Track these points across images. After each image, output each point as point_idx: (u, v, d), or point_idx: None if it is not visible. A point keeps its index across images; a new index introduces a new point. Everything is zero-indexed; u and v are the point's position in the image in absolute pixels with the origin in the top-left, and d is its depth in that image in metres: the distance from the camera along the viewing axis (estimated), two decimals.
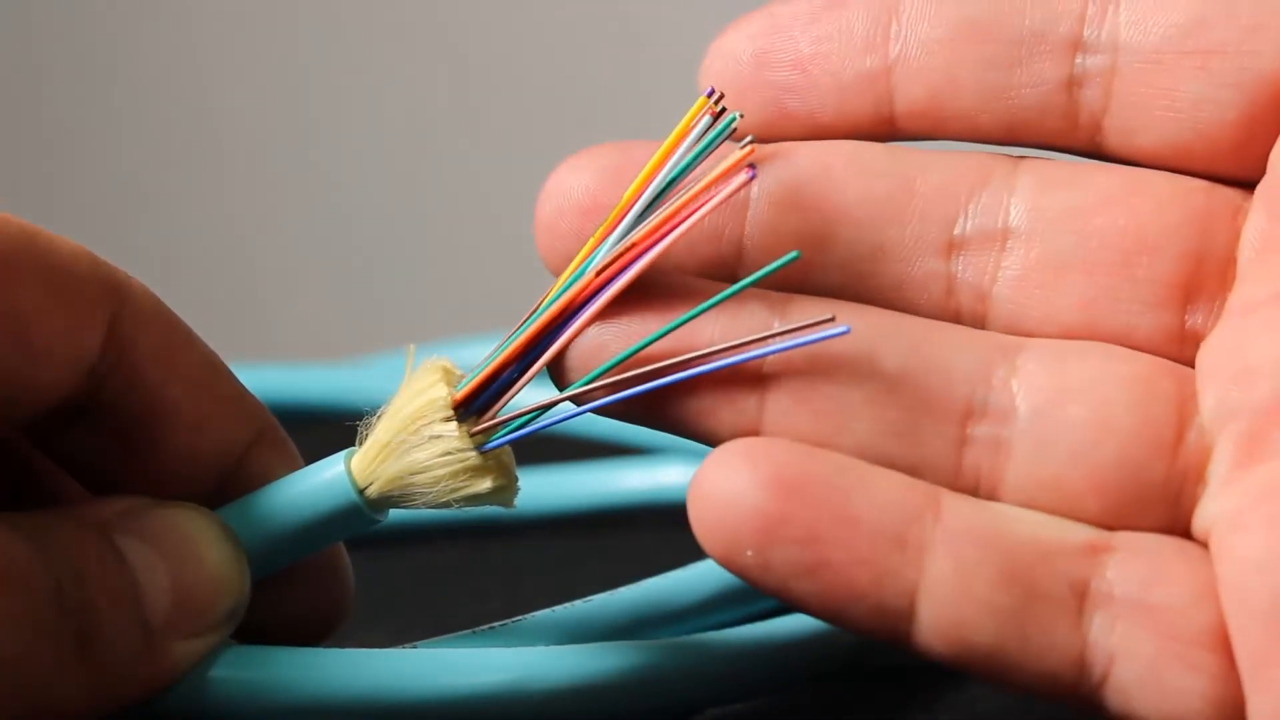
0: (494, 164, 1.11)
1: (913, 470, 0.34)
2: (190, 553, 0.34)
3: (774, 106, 0.36)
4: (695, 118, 0.35)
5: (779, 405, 0.34)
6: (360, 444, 0.35)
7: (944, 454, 0.34)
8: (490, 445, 0.34)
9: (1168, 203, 0.35)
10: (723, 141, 0.35)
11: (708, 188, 0.34)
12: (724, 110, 0.35)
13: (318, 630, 0.37)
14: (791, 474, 0.33)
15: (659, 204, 0.35)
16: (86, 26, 1.16)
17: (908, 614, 0.33)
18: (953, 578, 0.33)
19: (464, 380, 0.35)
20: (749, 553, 0.33)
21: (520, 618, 0.37)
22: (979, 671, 0.33)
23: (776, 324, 0.34)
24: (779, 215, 0.36)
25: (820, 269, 0.36)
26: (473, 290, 1.12)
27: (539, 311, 0.35)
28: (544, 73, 1.09)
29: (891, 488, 0.33)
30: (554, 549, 0.54)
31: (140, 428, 0.35)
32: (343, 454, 0.35)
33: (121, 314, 0.34)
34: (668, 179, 0.35)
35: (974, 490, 0.34)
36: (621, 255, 0.34)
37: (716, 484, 0.33)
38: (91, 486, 0.36)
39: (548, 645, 0.36)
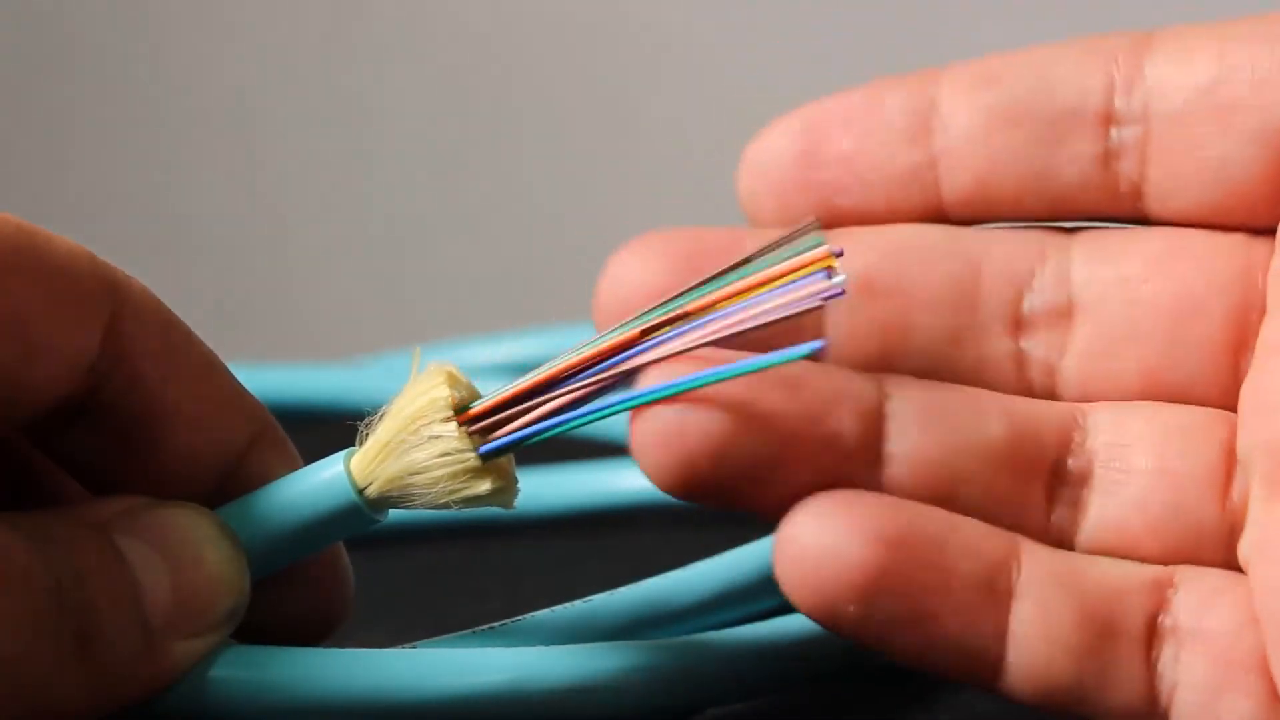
0: (494, 164, 1.11)
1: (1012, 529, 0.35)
2: (190, 552, 0.34)
3: (824, 206, 0.37)
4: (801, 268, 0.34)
5: (898, 475, 0.35)
6: (360, 444, 0.35)
7: (1036, 515, 0.36)
8: (489, 448, 0.34)
9: (1209, 261, 0.36)
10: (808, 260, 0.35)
11: (784, 276, 0.34)
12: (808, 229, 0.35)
13: (318, 630, 0.37)
14: (890, 527, 0.34)
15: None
16: (87, 24, 1.16)
17: (998, 658, 0.34)
18: (1038, 621, 0.34)
19: (480, 400, 0.35)
20: (851, 609, 0.34)
21: (520, 618, 0.37)
22: (1060, 710, 0.34)
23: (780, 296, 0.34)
24: (858, 304, 0.36)
25: (902, 356, 0.36)
26: (473, 290, 1.12)
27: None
28: (544, 73, 1.09)
29: (979, 536, 0.35)
30: (554, 549, 0.54)
31: (140, 428, 0.35)
32: (342, 454, 0.35)
33: (120, 314, 0.34)
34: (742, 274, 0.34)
35: (1055, 544, 0.36)
36: (674, 320, 0.34)
37: (812, 537, 0.34)
38: (91, 486, 0.36)
39: (548, 645, 0.36)
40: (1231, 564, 0.35)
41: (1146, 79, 0.36)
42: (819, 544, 0.34)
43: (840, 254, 0.34)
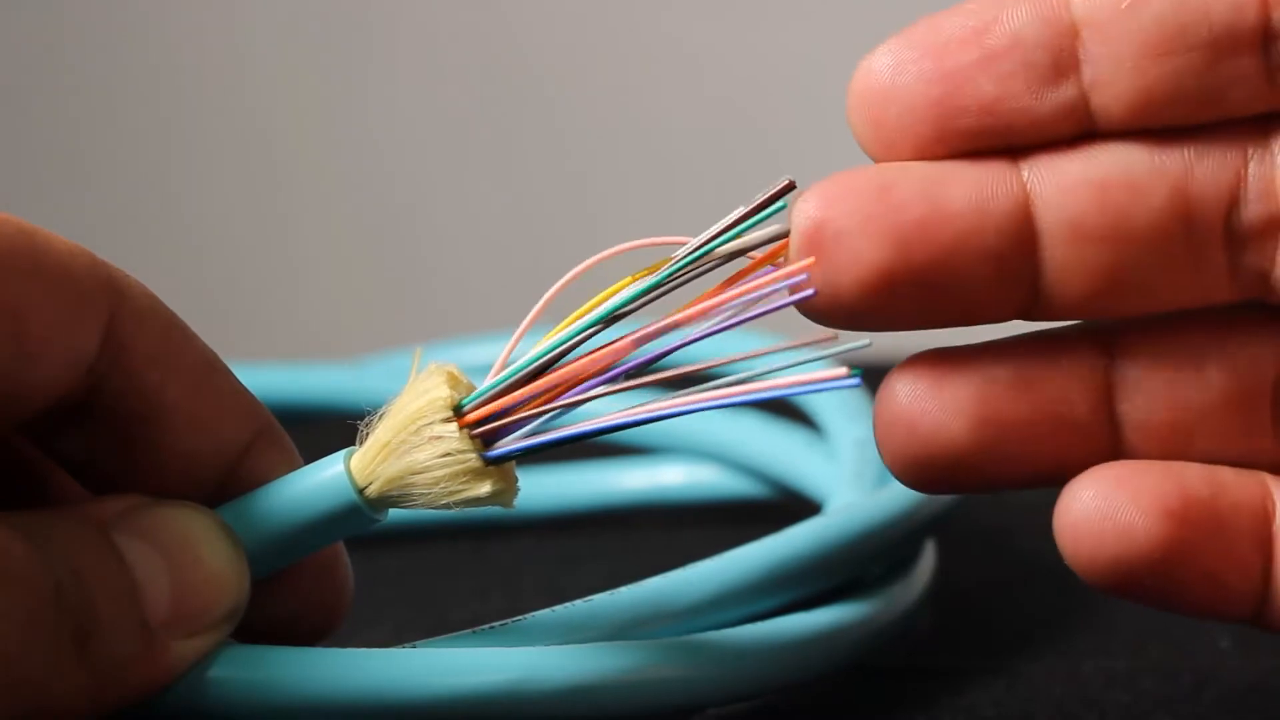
0: (495, 164, 1.11)
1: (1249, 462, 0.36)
2: (190, 552, 0.34)
3: (967, 147, 0.36)
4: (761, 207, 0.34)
5: (1133, 439, 0.36)
6: (360, 444, 0.35)
7: (1268, 446, 0.36)
8: (494, 455, 0.34)
9: None
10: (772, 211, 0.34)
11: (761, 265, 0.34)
12: (786, 190, 0.34)
13: (318, 630, 0.37)
14: (1177, 498, 0.35)
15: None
16: (87, 24, 1.16)
17: (1264, 600, 0.36)
18: None
19: (472, 395, 0.35)
20: (1145, 579, 0.35)
21: (520, 618, 0.37)
22: None
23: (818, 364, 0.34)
24: (1073, 252, 0.35)
25: (1122, 292, 0.36)
26: (474, 290, 1.12)
27: (560, 341, 0.34)
28: (545, 73, 1.09)
29: (1237, 486, 0.36)
30: (554, 549, 0.54)
31: (139, 427, 0.35)
32: (343, 453, 0.35)
33: (120, 313, 0.34)
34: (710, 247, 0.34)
35: None
36: (665, 329, 0.34)
37: (1101, 510, 0.35)
38: (91, 486, 0.36)
39: (548, 645, 0.36)
40: None
41: None
42: (1108, 520, 0.35)
43: (793, 186, 0.34)
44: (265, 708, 0.34)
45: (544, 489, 0.55)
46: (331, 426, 0.38)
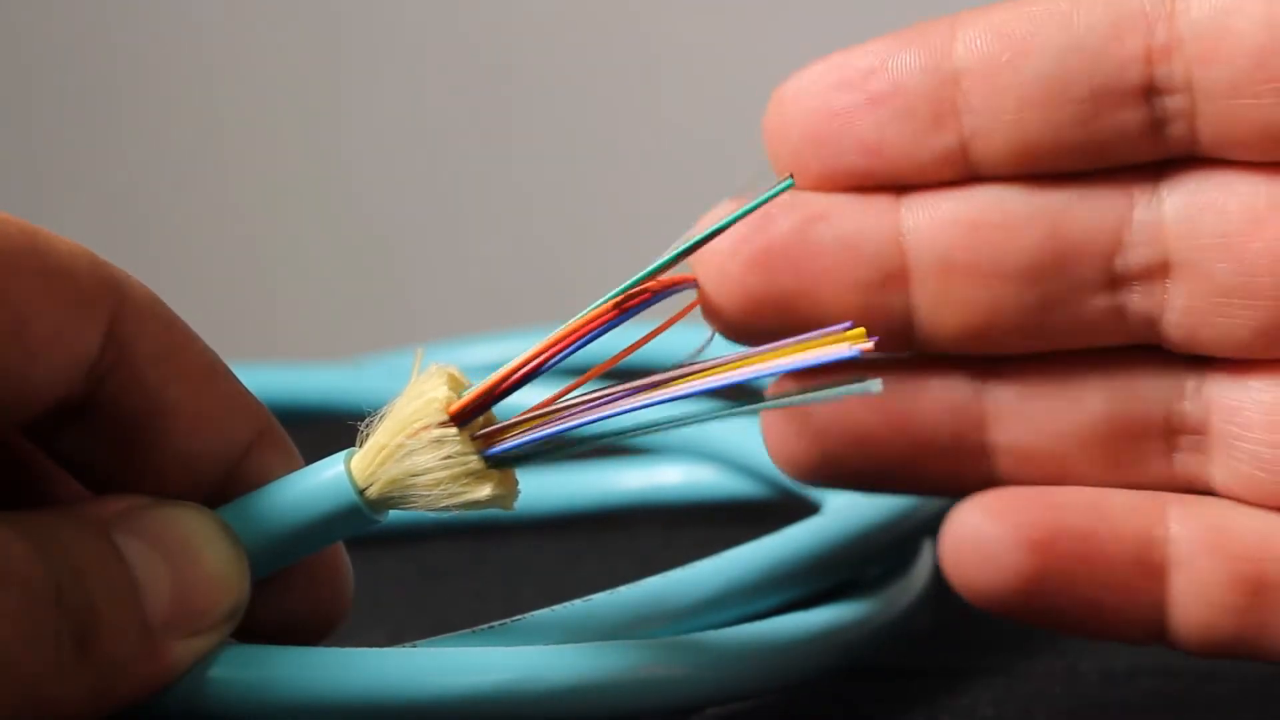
0: (495, 164, 1.11)
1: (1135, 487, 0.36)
2: (190, 552, 0.34)
3: (854, 184, 0.36)
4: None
5: (1008, 461, 0.37)
6: (361, 444, 0.35)
7: (1159, 470, 0.36)
8: (494, 451, 0.34)
9: None
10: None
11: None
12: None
13: (318, 630, 0.37)
14: (1040, 528, 0.35)
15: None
16: (88, 24, 1.16)
17: (1160, 625, 0.36)
18: (1193, 591, 0.35)
19: (468, 389, 0.35)
20: (1014, 605, 0.36)
21: (520, 617, 0.37)
22: (1233, 658, 0.36)
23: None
24: (945, 287, 0.36)
25: (996, 329, 0.36)
26: (473, 290, 1.12)
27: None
28: (545, 73, 1.09)
29: (1126, 510, 0.36)
30: (554, 549, 0.54)
31: (140, 427, 0.35)
32: (343, 454, 0.35)
33: (121, 313, 0.34)
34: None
35: (1187, 490, 0.36)
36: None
37: (971, 538, 0.35)
38: (91, 486, 0.36)
39: (548, 645, 0.36)
40: None
41: (1188, 49, 0.35)
42: (978, 546, 0.35)
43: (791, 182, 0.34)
44: (265, 708, 0.34)
45: (544, 489, 0.55)
46: (331, 427, 0.38)
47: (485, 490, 0.34)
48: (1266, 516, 0.36)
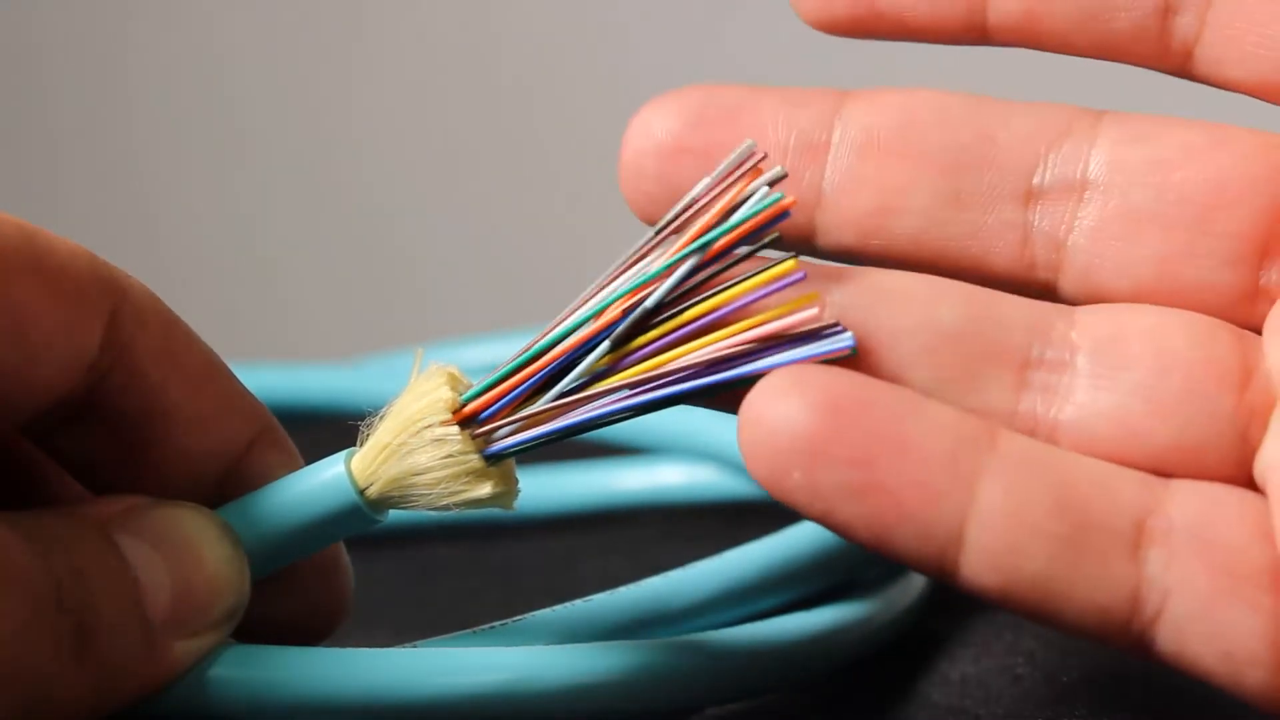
0: (495, 164, 1.11)
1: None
2: (190, 552, 0.34)
3: (865, 5, 0.37)
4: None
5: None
6: (361, 444, 0.35)
7: (1001, 399, 0.34)
8: (494, 450, 0.34)
9: (1250, 156, 0.35)
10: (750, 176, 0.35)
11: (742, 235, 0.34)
12: (763, 159, 0.35)
13: (318, 630, 0.37)
14: (842, 398, 0.32)
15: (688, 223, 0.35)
16: (89, 22, 1.16)
17: (956, 539, 0.32)
18: (1005, 502, 0.32)
19: (471, 390, 0.35)
20: (796, 475, 0.32)
21: (520, 618, 0.37)
22: (1026, 605, 0.32)
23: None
24: (860, 162, 0.36)
25: (898, 214, 0.36)
26: (473, 290, 1.12)
27: (557, 332, 0.34)
28: (545, 73, 1.09)
29: (946, 416, 0.33)
30: (553, 548, 0.54)
31: (140, 427, 0.35)
32: (343, 454, 0.35)
33: (120, 313, 0.34)
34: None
35: (1031, 434, 0.34)
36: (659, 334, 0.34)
37: (765, 407, 0.32)
38: (91, 486, 0.36)
39: (548, 645, 0.36)
40: (1238, 479, 0.34)
41: None
42: (770, 412, 0.32)
43: (785, 175, 0.34)
44: (265, 708, 0.34)
45: (544, 489, 0.55)
46: (331, 427, 0.38)
47: (486, 488, 0.34)
48: (1105, 465, 0.33)
